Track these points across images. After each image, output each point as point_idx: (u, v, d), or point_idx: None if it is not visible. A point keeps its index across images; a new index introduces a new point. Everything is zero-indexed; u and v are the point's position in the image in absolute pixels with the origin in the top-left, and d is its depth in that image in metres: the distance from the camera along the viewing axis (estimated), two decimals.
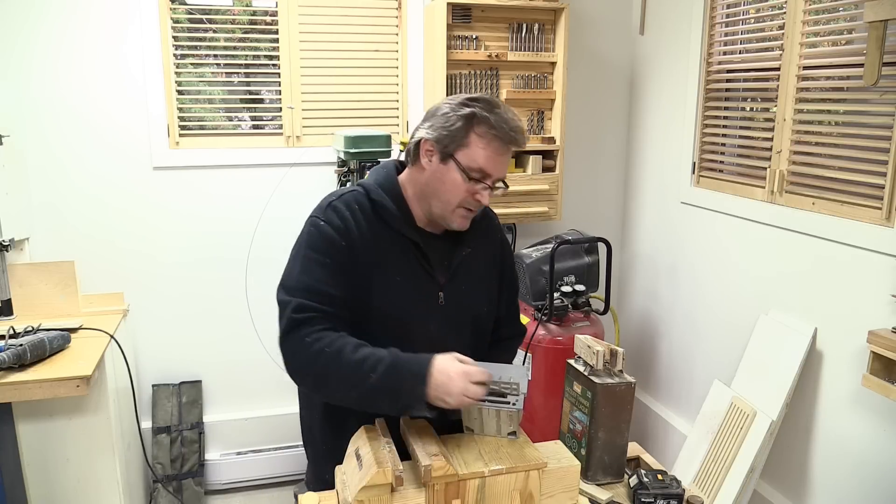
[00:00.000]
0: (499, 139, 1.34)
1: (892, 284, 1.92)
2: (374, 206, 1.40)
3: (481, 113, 1.33)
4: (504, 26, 2.82)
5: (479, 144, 1.34)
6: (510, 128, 1.35)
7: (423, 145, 1.38)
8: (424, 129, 1.39)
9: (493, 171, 1.36)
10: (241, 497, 2.94)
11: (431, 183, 1.39)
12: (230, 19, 2.84)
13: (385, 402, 1.26)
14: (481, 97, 1.39)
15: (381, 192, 1.41)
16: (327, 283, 1.34)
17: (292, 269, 1.39)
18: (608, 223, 3.32)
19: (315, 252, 1.36)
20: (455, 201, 1.37)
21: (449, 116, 1.35)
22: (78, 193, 2.69)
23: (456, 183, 1.36)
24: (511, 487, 1.20)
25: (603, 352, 1.42)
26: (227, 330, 2.92)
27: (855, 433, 2.07)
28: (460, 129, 1.34)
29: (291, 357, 1.34)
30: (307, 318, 1.31)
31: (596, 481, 1.43)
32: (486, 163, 1.35)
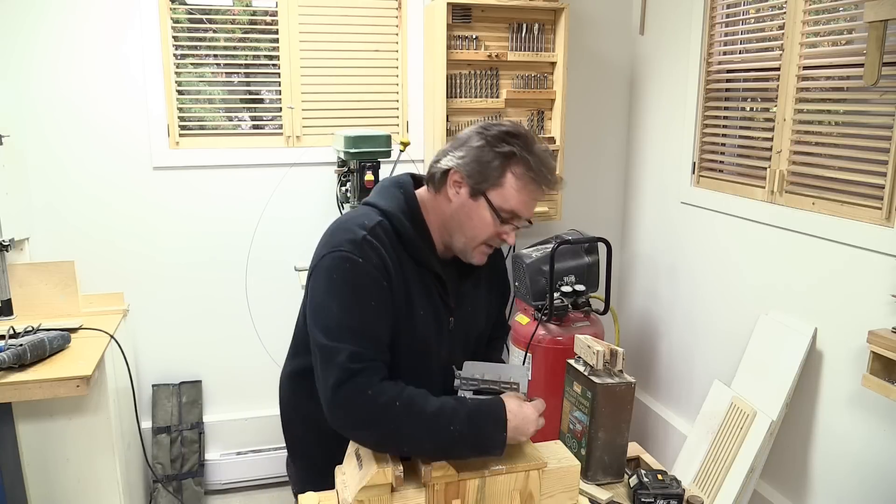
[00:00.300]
0: (535, 182, 1.28)
1: (892, 284, 1.92)
2: (399, 238, 1.32)
3: (521, 153, 1.27)
4: (504, 26, 2.82)
5: (515, 186, 1.28)
6: (548, 170, 1.29)
7: (452, 176, 1.31)
8: (455, 158, 1.31)
9: (525, 212, 1.31)
10: (241, 497, 2.94)
11: (457, 216, 1.33)
12: (230, 19, 2.84)
13: (465, 450, 1.18)
14: (519, 131, 1.31)
15: (406, 223, 1.33)
16: (376, 327, 1.24)
17: (331, 310, 1.23)
18: (608, 223, 3.32)
19: (357, 292, 1.24)
20: (480, 239, 1.33)
21: (484, 150, 1.28)
22: (78, 193, 2.69)
23: (484, 221, 1.30)
24: (511, 487, 1.20)
25: (603, 352, 1.42)
26: (227, 330, 2.92)
27: (855, 433, 2.07)
28: (496, 167, 1.27)
29: (349, 412, 1.17)
30: (363, 369, 1.18)
31: (596, 481, 1.43)
32: (518, 205, 1.29)
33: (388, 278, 1.27)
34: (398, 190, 1.38)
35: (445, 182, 1.33)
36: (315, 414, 1.38)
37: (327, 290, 1.25)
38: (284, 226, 2.91)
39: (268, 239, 2.90)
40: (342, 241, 1.28)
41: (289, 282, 2.87)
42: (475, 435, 1.17)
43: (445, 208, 1.34)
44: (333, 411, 1.18)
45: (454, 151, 1.32)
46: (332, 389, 1.17)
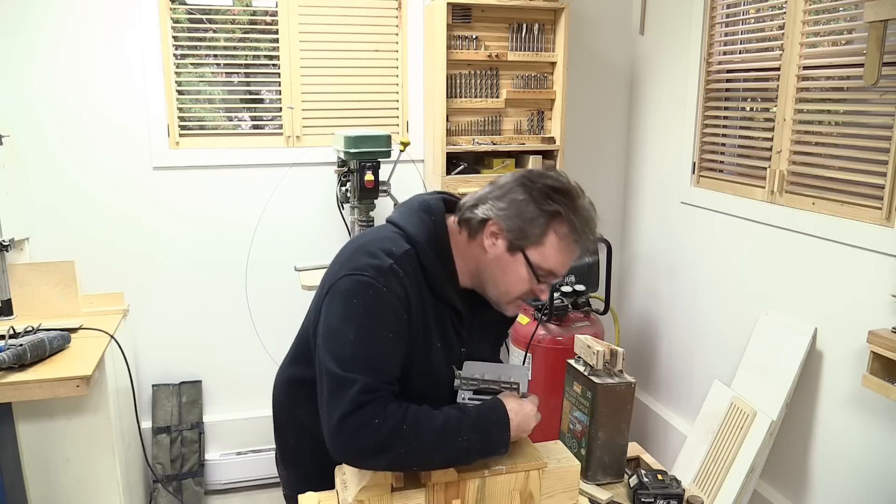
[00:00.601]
0: (578, 245, 1.25)
1: (892, 284, 1.92)
2: (424, 271, 1.27)
3: (567, 213, 1.22)
4: (504, 26, 2.82)
5: (556, 247, 1.23)
6: (591, 231, 1.25)
7: (490, 227, 1.25)
8: (494, 208, 1.25)
9: (562, 272, 1.27)
10: (241, 497, 2.94)
11: (491, 269, 1.28)
12: (230, 19, 2.84)
13: (473, 456, 1.17)
14: (566, 187, 1.25)
15: (433, 257, 1.28)
16: (389, 359, 1.20)
17: (346, 338, 1.18)
18: (608, 223, 3.32)
19: (376, 321, 1.19)
20: (514, 294, 1.29)
21: (528, 206, 1.23)
22: (78, 193, 2.69)
23: (520, 277, 1.26)
24: (511, 487, 1.20)
25: (603, 352, 1.42)
26: (227, 330, 2.92)
27: (855, 433, 2.07)
28: (540, 225, 1.22)
29: (353, 442, 1.12)
30: (371, 400, 1.13)
31: (596, 481, 1.43)
32: (557, 265, 1.25)
33: (408, 310, 1.23)
34: (428, 217, 1.31)
35: (482, 231, 1.27)
36: (309, 423, 1.36)
37: (345, 315, 1.19)
38: (284, 226, 2.91)
39: (268, 239, 2.90)
40: (366, 265, 1.21)
41: (289, 282, 2.87)
42: (482, 441, 1.16)
43: (480, 257, 1.29)
44: (337, 441, 1.13)
45: (495, 201, 1.26)
46: (339, 420, 1.11)
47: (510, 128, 2.91)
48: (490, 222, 1.25)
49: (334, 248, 3.15)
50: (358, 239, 1.34)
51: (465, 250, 1.30)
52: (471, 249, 1.30)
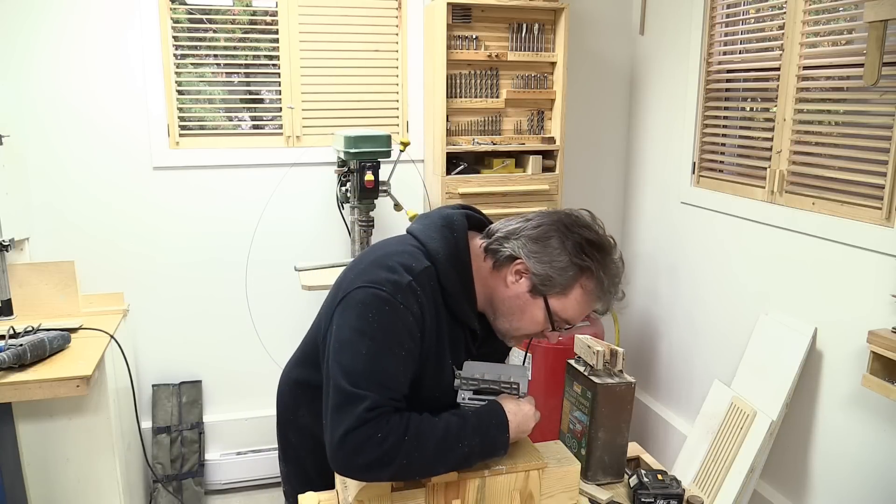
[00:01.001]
0: (601, 301, 1.26)
1: (892, 284, 1.92)
2: (443, 291, 1.25)
3: (598, 271, 1.22)
4: (504, 26, 2.82)
5: (579, 300, 1.24)
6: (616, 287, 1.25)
7: (517, 265, 1.25)
8: (525, 248, 1.24)
9: (578, 322, 1.28)
10: (241, 497, 2.94)
11: (509, 304, 1.27)
12: (230, 19, 2.84)
13: (475, 460, 1.17)
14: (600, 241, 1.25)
15: (453, 276, 1.26)
16: (400, 378, 1.18)
17: (358, 352, 1.15)
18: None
19: (390, 338, 1.17)
20: (524, 332, 1.30)
21: (560, 256, 1.22)
22: (78, 193, 2.69)
23: (535, 320, 1.26)
24: (511, 487, 1.20)
25: (603, 352, 1.42)
26: (227, 330, 2.92)
27: (855, 433, 2.07)
28: (569, 278, 1.22)
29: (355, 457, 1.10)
30: (376, 416, 1.12)
31: (596, 481, 1.43)
32: (575, 316, 1.26)
33: (423, 329, 1.21)
34: (451, 234, 1.29)
35: (507, 266, 1.26)
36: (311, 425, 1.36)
37: (358, 328, 1.17)
38: (284, 226, 2.91)
39: (268, 239, 2.90)
40: (384, 279, 1.19)
41: (289, 282, 2.87)
42: (483, 444, 1.16)
43: (498, 289, 1.28)
44: (339, 457, 1.11)
45: (528, 242, 1.24)
46: (343, 435, 1.10)
47: (510, 128, 2.91)
48: (518, 261, 1.24)
49: (334, 248, 3.17)
50: (376, 249, 1.31)
51: (486, 277, 1.29)
52: (491, 279, 1.29)
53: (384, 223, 2.82)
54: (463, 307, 1.27)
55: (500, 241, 1.27)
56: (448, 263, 1.25)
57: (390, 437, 1.10)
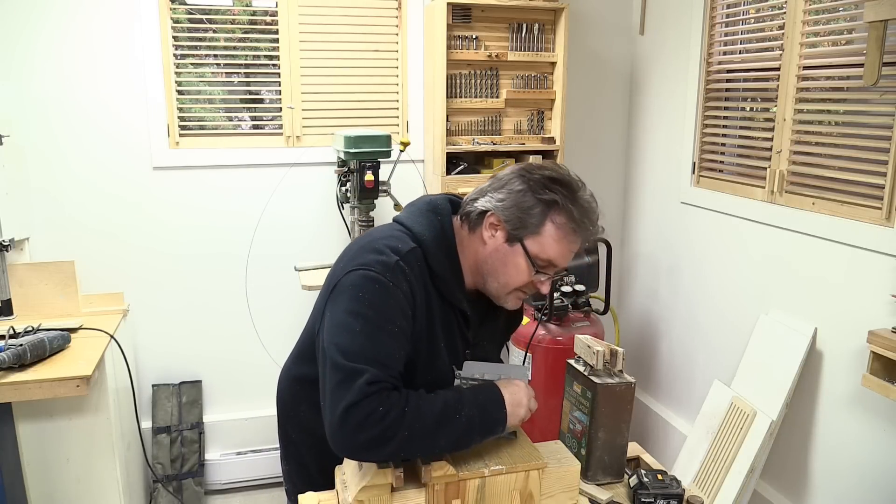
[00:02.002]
0: (576, 233, 1.24)
1: (892, 284, 1.92)
2: (431, 272, 1.27)
3: (564, 202, 1.22)
4: (504, 26, 2.82)
5: (554, 236, 1.23)
6: (591, 221, 1.25)
7: (489, 218, 1.26)
8: (492, 200, 1.26)
9: (562, 262, 1.27)
10: (241, 497, 2.94)
11: (491, 261, 1.28)
12: (230, 19, 2.84)
13: (474, 434, 1.17)
14: (564, 177, 1.26)
15: (440, 255, 1.28)
16: (395, 355, 1.19)
17: (353, 331, 1.17)
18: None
19: (383, 316, 1.18)
20: (513, 286, 1.29)
21: (525, 196, 1.23)
22: (78, 193, 2.69)
23: (519, 269, 1.26)
24: (511, 487, 1.20)
25: (603, 352, 1.42)
26: (227, 330, 2.92)
27: (855, 433, 2.07)
28: (537, 214, 1.23)
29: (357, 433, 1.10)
30: (377, 391, 1.12)
31: (596, 481, 1.43)
32: (556, 255, 1.25)
33: (413, 308, 1.23)
34: (435, 217, 1.32)
35: (481, 224, 1.28)
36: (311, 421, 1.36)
37: (351, 309, 1.18)
38: (284, 226, 2.91)
39: (268, 239, 2.90)
40: (372, 261, 1.21)
41: (289, 282, 2.87)
42: (481, 416, 1.17)
43: (479, 250, 1.29)
44: (340, 434, 1.11)
45: (493, 192, 1.27)
46: (344, 410, 1.10)
47: (510, 128, 2.91)
48: (489, 214, 1.26)
49: (334, 248, 3.17)
50: (363, 238, 1.34)
51: (468, 246, 1.31)
52: (472, 244, 1.31)
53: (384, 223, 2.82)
54: (451, 287, 1.29)
55: (470, 203, 1.30)
56: (434, 244, 1.28)
57: (392, 411, 1.10)
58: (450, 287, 1.29)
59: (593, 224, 1.26)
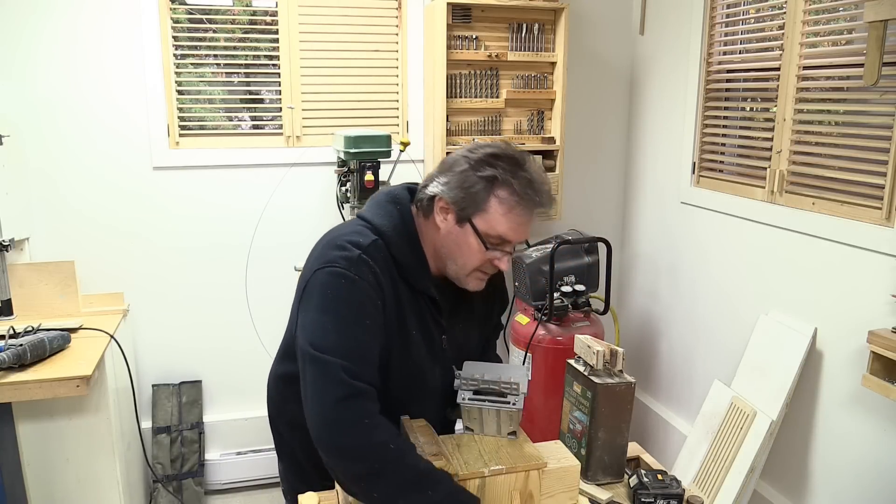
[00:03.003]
0: (521, 206, 1.24)
1: (892, 284, 1.92)
2: (395, 262, 1.29)
3: (503, 176, 1.23)
4: (504, 26, 2.82)
5: (500, 211, 1.24)
6: (535, 191, 1.24)
7: (438, 203, 1.28)
8: (440, 184, 1.27)
9: (514, 237, 1.27)
10: (241, 497, 2.94)
11: (446, 244, 1.30)
12: (230, 19, 2.84)
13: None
14: (505, 153, 1.27)
15: (402, 244, 1.30)
16: (370, 347, 1.21)
17: (325, 327, 1.18)
18: (608, 223, 3.32)
19: (353, 310, 1.20)
20: (471, 266, 1.30)
21: (468, 176, 1.24)
22: (78, 193, 2.69)
23: (472, 248, 1.27)
24: (511, 487, 1.20)
25: (603, 352, 1.42)
26: (227, 330, 2.92)
27: (855, 433, 2.07)
28: (479, 192, 1.23)
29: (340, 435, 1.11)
30: (364, 391, 1.14)
31: (596, 481, 1.43)
32: (506, 230, 1.25)
33: (382, 298, 1.24)
34: (394, 207, 1.34)
35: (433, 209, 1.30)
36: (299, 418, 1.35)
37: (321, 306, 1.21)
38: (284, 226, 2.91)
39: (268, 239, 2.90)
40: (336, 257, 1.24)
41: (289, 282, 2.87)
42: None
43: (435, 235, 1.31)
44: (324, 430, 1.12)
45: (440, 177, 1.28)
46: (334, 404, 1.11)
47: (510, 128, 2.91)
48: (437, 198, 1.28)
49: None
50: (326, 235, 1.36)
51: (426, 233, 1.33)
52: (428, 230, 1.33)
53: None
54: (417, 275, 1.30)
55: (422, 190, 1.32)
56: (395, 234, 1.29)
57: (378, 434, 1.12)
58: (415, 275, 1.30)
59: (539, 194, 1.25)
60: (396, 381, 1.27)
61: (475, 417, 1.29)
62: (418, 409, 1.32)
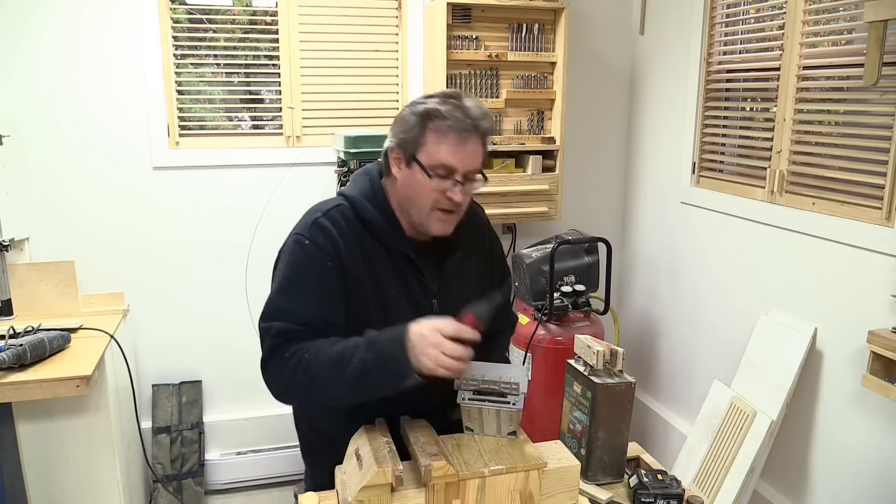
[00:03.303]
0: (455, 130, 1.29)
1: (892, 284, 1.92)
2: (362, 220, 1.36)
3: (433, 107, 1.30)
4: (504, 26, 2.82)
5: (435, 140, 1.30)
6: (466, 115, 1.29)
7: (391, 154, 1.36)
8: (389, 137, 1.37)
9: (458, 163, 1.30)
10: (241, 497, 2.94)
11: (403, 190, 1.36)
12: (230, 19, 2.84)
13: (374, 379, 1.21)
14: (439, 91, 1.36)
15: (367, 205, 1.37)
16: (310, 304, 1.29)
17: (272, 291, 1.33)
18: (608, 223, 3.32)
19: (297, 272, 1.31)
20: (427, 204, 1.33)
21: (406, 119, 1.33)
22: (78, 193, 2.69)
23: (422, 184, 1.31)
24: (511, 487, 1.20)
25: (603, 352, 1.42)
26: (227, 330, 2.91)
27: (855, 433, 2.07)
28: (416, 127, 1.31)
29: (274, 381, 1.29)
30: (285, 341, 1.27)
31: (596, 481, 1.43)
32: (446, 157, 1.30)
33: (337, 259, 1.31)
34: (365, 177, 1.44)
35: (389, 163, 1.37)
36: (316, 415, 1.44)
37: (279, 273, 1.35)
38: (284, 226, 2.87)
39: (268, 239, 2.89)
40: (300, 225, 1.37)
41: None
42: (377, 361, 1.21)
43: (397, 188, 1.38)
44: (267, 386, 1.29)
45: (390, 130, 1.38)
46: (262, 366, 1.28)
47: (510, 128, 2.91)
48: (390, 150, 1.37)
49: None
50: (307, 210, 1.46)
51: (392, 192, 1.40)
52: (392, 187, 1.39)
53: None
54: (387, 234, 1.37)
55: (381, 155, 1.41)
56: (361, 197, 1.38)
57: (294, 358, 1.25)
58: (385, 234, 1.36)
59: (471, 117, 1.30)
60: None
61: (475, 417, 1.29)
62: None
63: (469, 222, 1.46)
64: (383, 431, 1.27)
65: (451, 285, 1.44)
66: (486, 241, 1.57)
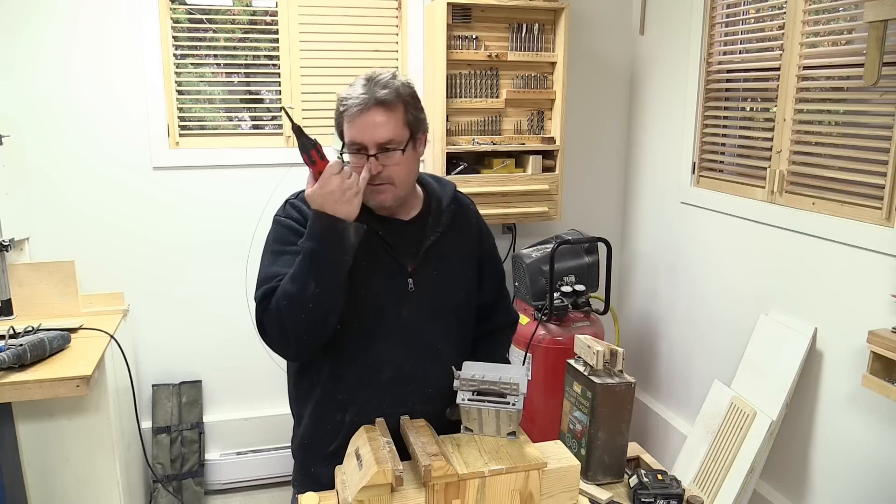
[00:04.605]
0: (354, 106, 1.37)
1: (892, 284, 1.92)
2: None
3: (341, 94, 1.40)
4: (504, 26, 2.82)
5: (346, 120, 1.40)
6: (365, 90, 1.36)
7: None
8: None
9: (361, 137, 1.38)
10: (241, 497, 2.94)
11: None
12: (230, 19, 2.84)
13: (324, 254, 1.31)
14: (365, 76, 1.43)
15: None
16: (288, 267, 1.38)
17: (259, 267, 1.45)
18: (608, 223, 3.32)
19: (278, 244, 1.43)
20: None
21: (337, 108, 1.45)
22: (78, 193, 2.69)
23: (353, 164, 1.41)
24: (511, 487, 1.20)
25: (603, 352, 1.42)
26: (227, 330, 2.91)
27: (855, 433, 2.07)
28: (337, 116, 1.43)
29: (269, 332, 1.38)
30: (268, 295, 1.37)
31: (596, 481, 1.43)
32: (350, 133, 1.39)
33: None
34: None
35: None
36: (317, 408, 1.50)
37: (262, 252, 1.47)
38: None
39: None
40: (277, 210, 1.50)
41: None
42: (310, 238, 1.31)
43: None
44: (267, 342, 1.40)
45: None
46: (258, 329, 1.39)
47: (510, 128, 2.91)
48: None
49: None
50: None
51: None
52: None
53: None
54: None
55: None
56: None
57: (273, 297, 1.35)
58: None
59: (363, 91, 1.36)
60: (351, 307, 1.38)
61: (475, 418, 1.29)
62: (383, 345, 1.43)
63: (454, 212, 1.53)
64: (383, 431, 1.27)
65: (428, 266, 1.48)
66: (474, 238, 1.59)
